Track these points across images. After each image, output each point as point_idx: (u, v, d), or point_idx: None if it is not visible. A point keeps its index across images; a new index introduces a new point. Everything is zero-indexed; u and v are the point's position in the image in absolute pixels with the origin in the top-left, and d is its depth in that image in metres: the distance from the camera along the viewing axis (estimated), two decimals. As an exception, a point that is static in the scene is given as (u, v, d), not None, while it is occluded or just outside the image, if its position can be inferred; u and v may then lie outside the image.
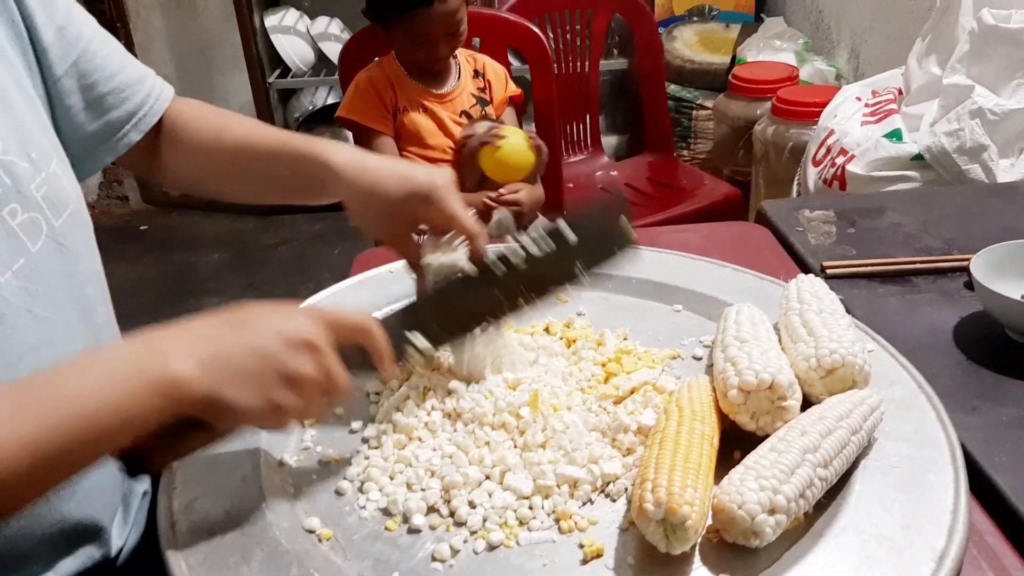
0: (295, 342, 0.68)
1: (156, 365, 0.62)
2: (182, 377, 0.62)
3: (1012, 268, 1.06)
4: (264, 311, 0.70)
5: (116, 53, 0.89)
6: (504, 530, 0.74)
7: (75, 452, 0.60)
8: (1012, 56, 1.71)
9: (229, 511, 0.75)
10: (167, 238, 3.50)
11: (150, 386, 0.62)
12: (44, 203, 0.75)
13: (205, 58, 3.62)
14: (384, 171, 0.89)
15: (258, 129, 0.96)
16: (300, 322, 0.69)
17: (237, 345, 0.66)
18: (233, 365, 0.65)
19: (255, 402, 0.66)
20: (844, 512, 0.73)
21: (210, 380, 0.64)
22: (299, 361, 0.67)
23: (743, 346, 0.84)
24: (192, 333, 0.67)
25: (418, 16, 1.69)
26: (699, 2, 3.46)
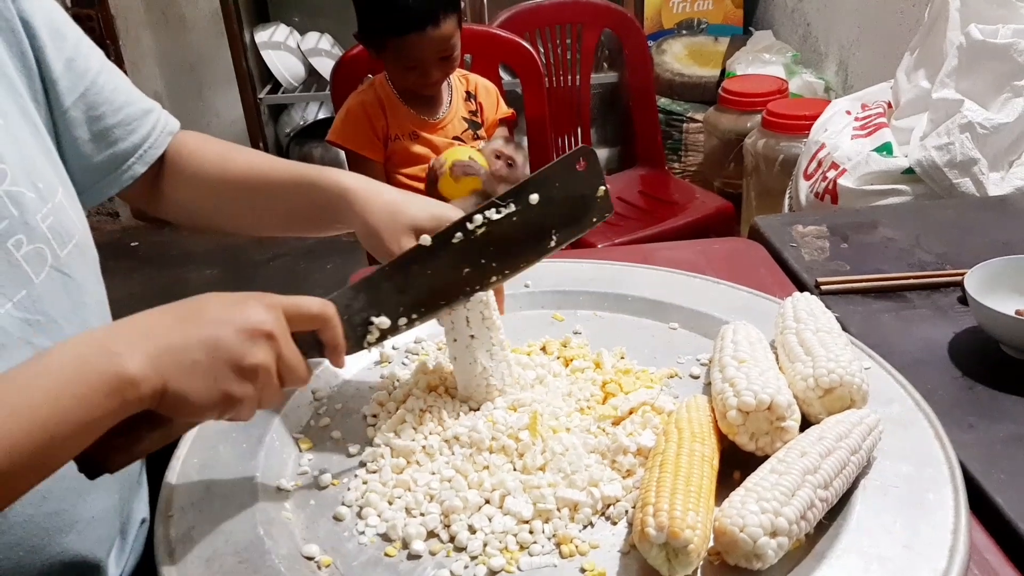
0: (249, 331, 0.66)
1: (107, 365, 0.60)
2: (133, 375, 0.60)
3: (1006, 283, 1.06)
4: (218, 300, 0.69)
5: (123, 86, 0.89)
6: (505, 555, 0.73)
7: (33, 462, 0.58)
8: (1000, 70, 1.72)
9: (227, 539, 0.75)
10: (158, 254, 3.48)
11: (101, 387, 0.60)
12: (50, 233, 0.75)
13: (195, 74, 3.62)
14: (401, 194, 0.91)
15: (264, 159, 0.96)
16: (254, 311, 0.68)
17: (188, 337, 0.64)
18: (185, 358, 0.63)
19: (209, 395, 0.64)
20: (845, 533, 0.73)
21: (161, 375, 0.62)
22: (253, 351, 0.66)
23: (741, 366, 0.84)
24: (142, 327, 0.65)
25: (411, 40, 1.67)
26: (688, 16, 3.47)
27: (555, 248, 0.89)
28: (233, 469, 0.83)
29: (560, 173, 0.87)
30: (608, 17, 2.59)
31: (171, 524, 0.76)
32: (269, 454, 0.85)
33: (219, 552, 0.73)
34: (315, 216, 0.93)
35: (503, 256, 0.86)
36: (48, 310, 0.75)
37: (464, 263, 0.85)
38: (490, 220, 0.84)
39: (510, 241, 0.85)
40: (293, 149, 3.57)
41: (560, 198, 0.86)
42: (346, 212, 0.89)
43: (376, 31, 1.73)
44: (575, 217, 0.88)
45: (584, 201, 0.88)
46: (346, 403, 0.95)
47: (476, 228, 0.84)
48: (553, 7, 2.51)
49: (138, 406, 0.62)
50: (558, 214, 0.87)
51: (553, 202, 0.86)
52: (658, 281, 1.13)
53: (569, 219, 0.88)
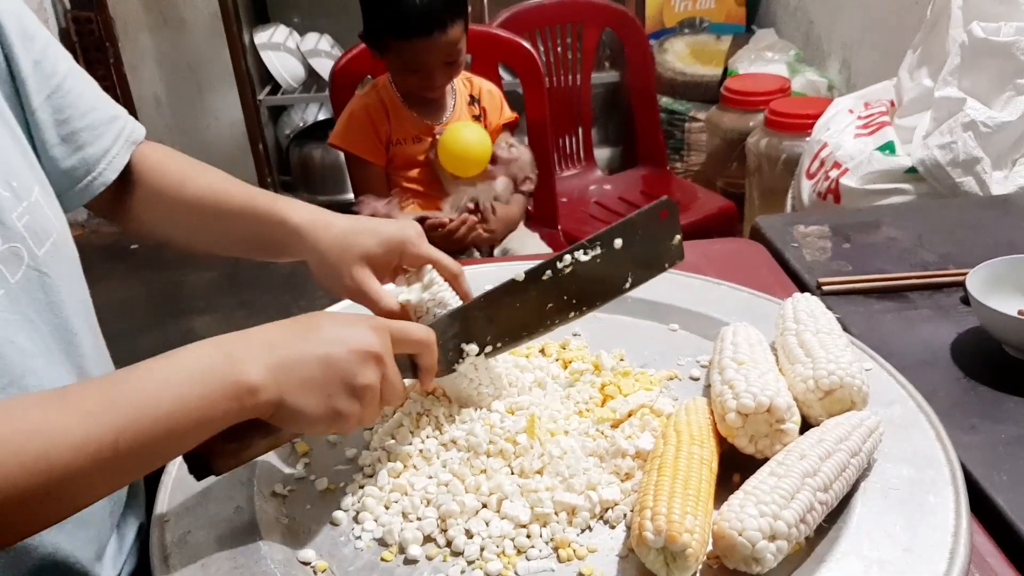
0: (361, 353, 0.70)
1: (229, 370, 0.65)
2: (253, 383, 0.65)
3: (1008, 283, 1.05)
4: (333, 320, 0.74)
5: (90, 92, 0.89)
6: (502, 559, 0.73)
7: (147, 451, 0.63)
8: (1003, 68, 1.71)
9: (223, 543, 0.74)
10: (157, 257, 3.48)
11: (223, 390, 0.64)
12: (26, 232, 0.75)
13: (194, 75, 3.62)
14: (351, 225, 0.92)
15: (223, 183, 0.96)
16: (367, 333, 0.72)
17: (306, 353, 0.69)
18: (301, 373, 0.68)
19: (320, 409, 0.69)
20: (845, 537, 0.72)
21: (279, 387, 0.66)
22: (364, 371, 0.70)
23: (740, 368, 0.84)
24: (263, 339, 0.69)
25: (416, 45, 1.66)
26: (690, 14, 3.46)
27: (629, 290, 0.94)
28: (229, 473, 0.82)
29: (644, 221, 0.92)
30: (609, 16, 2.58)
31: (166, 529, 0.76)
32: (265, 458, 0.85)
33: (214, 557, 0.73)
34: (266, 246, 0.95)
35: (583, 294, 0.91)
36: (25, 310, 0.74)
37: (549, 299, 0.90)
38: (577, 261, 0.89)
39: (591, 281, 0.91)
40: (293, 150, 3.57)
41: (640, 244, 0.91)
42: (296, 246, 0.91)
43: (381, 33, 1.71)
44: (651, 262, 0.94)
45: (661, 248, 0.94)
46: (343, 406, 0.94)
47: (564, 267, 0.88)
48: (553, 6, 2.50)
49: (254, 413, 0.67)
50: (636, 259, 0.92)
51: (634, 248, 0.91)
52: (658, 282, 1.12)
53: (645, 264, 0.93)
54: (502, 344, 0.89)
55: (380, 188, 1.85)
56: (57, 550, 0.76)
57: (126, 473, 0.64)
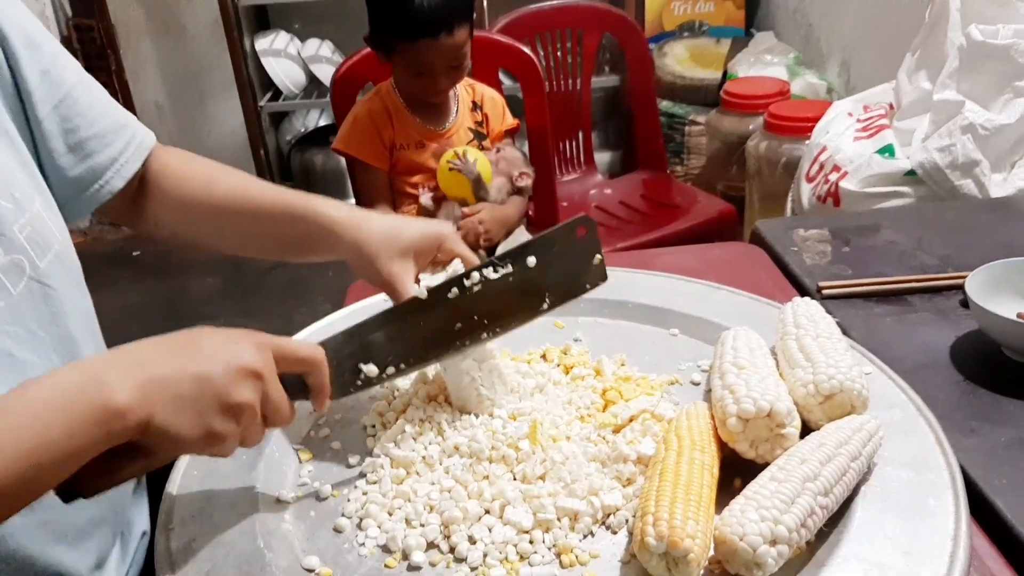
0: (238, 370, 0.67)
1: (96, 395, 0.61)
2: (120, 405, 0.61)
3: (1007, 286, 1.06)
4: (211, 336, 0.69)
5: (99, 100, 0.89)
6: (505, 565, 0.73)
7: (17, 490, 0.58)
8: (1001, 71, 1.72)
9: (227, 551, 0.75)
10: (160, 263, 3.49)
11: (90, 417, 0.60)
12: (28, 244, 0.75)
13: (196, 82, 3.63)
14: (389, 220, 0.92)
15: (249, 183, 0.96)
16: (245, 349, 0.69)
17: (178, 370, 0.65)
18: (172, 391, 0.64)
19: (192, 429, 0.65)
20: (846, 541, 0.72)
21: (148, 406, 0.62)
22: (239, 389, 0.67)
23: (741, 373, 0.84)
24: (136, 357, 0.65)
25: (422, 47, 1.66)
26: (689, 18, 3.47)
27: (546, 311, 0.91)
28: (233, 481, 0.83)
29: (559, 239, 0.89)
30: (609, 20, 2.59)
31: (172, 536, 0.76)
32: (269, 465, 0.86)
33: (220, 564, 0.73)
34: (301, 244, 0.95)
35: (496, 314, 0.88)
36: (27, 322, 0.75)
37: (457, 318, 0.86)
38: (487, 279, 0.86)
39: (504, 300, 0.87)
40: (294, 156, 3.58)
41: (557, 263, 0.89)
42: (334, 242, 0.91)
43: (387, 35, 1.72)
44: (569, 282, 0.91)
45: (580, 267, 0.91)
46: (346, 414, 0.95)
47: (472, 285, 0.86)
48: (553, 11, 2.51)
49: (122, 437, 0.62)
50: (553, 278, 0.89)
51: (550, 266, 0.88)
52: (658, 287, 1.13)
53: (563, 283, 0.91)
54: (405, 365, 0.86)
55: (384, 193, 1.85)
56: (60, 561, 0.76)
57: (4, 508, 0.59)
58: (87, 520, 0.80)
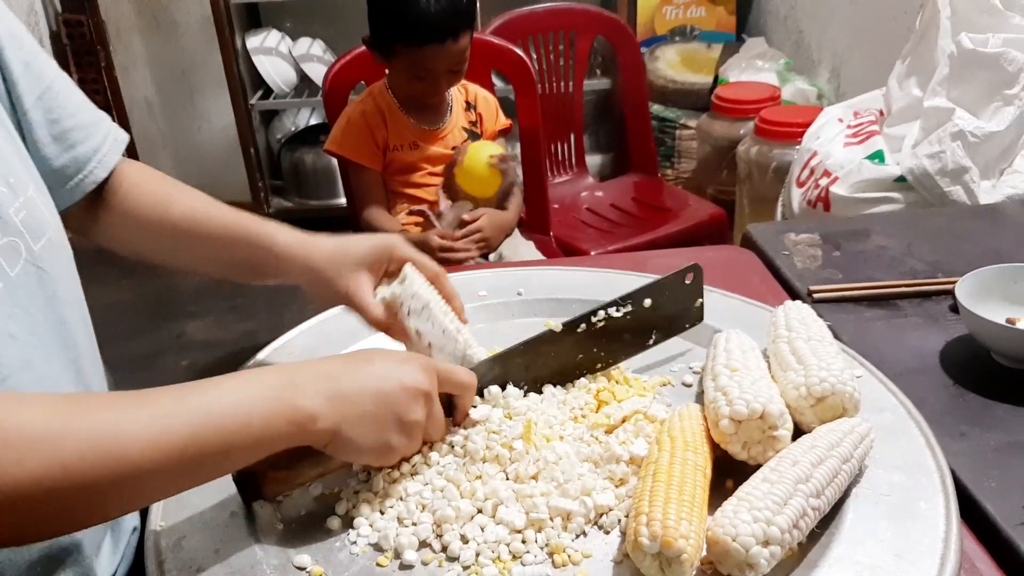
0: (412, 390, 0.75)
1: (291, 396, 0.69)
2: (313, 411, 0.69)
3: (997, 291, 1.07)
4: (386, 356, 0.78)
5: (76, 95, 0.90)
6: (497, 565, 0.73)
7: (209, 461, 0.66)
8: (990, 79, 1.73)
9: (218, 549, 0.74)
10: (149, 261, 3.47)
11: (283, 414, 0.68)
12: (23, 227, 0.76)
13: (186, 80, 3.62)
14: (335, 242, 0.95)
15: (205, 206, 0.98)
16: (417, 371, 0.76)
17: (362, 387, 0.73)
18: (358, 406, 0.72)
19: (373, 442, 0.73)
20: (837, 542, 0.73)
21: (337, 418, 0.70)
22: (415, 408, 0.75)
23: (734, 375, 0.84)
24: (322, 371, 0.73)
25: (427, 52, 1.66)
26: (681, 22, 3.49)
27: (651, 346, 1.00)
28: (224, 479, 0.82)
29: (672, 284, 0.98)
30: (601, 24, 2.60)
31: (161, 534, 0.76)
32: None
33: (209, 562, 0.73)
34: (251, 269, 0.98)
35: (611, 347, 0.96)
36: (25, 303, 0.75)
37: (581, 350, 0.95)
38: (610, 316, 0.94)
39: (619, 336, 0.96)
40: (284, 155, 3.57)
41: (666, 304, 0.98)
42: (286, 268, 0.95)
43: (391, 40, 1.71)
44: (673, 322, 1.00)
45: (684, 309, 1.01)
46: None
47: (598, 321, 0.94)
48: (546, 14, 2.51)
49: (311, 439, 0.70)
50: (661, 317, 0.98)
51: (660, 307, 0.97)
52: (651, 289, 1.13)
53: (668, 323, 1.00)
54: (531, 390, 0.93)
55: (378, 193, 1.85)
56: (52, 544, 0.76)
57: (187, 478, 0.66)
58: None
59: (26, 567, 0.74)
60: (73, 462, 0.59)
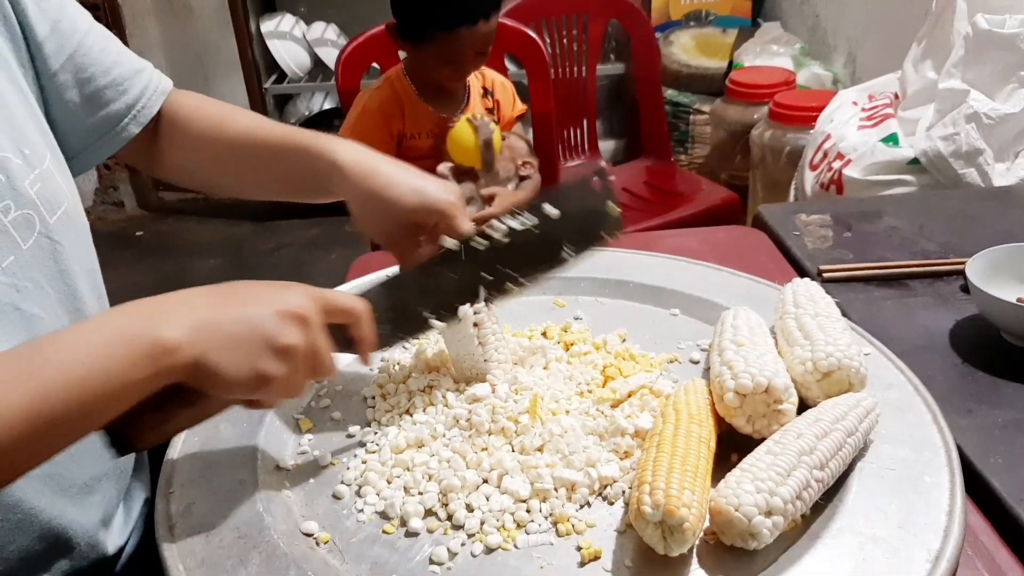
0: (286, 314, 0.68)
1: (146, 330, 0.62)
2: (171, 342, 0.62)
3: (1008, 271, 1.06)
4: (259, 284, 0.71)
5: (113, 47, 0.88)
6: (502, 533, 0.74)
7: (68, 420, 0.60)
8: (1007, 61, 1.72)
9: (227, 515, 0.75)
10: (163, 244, 3.50)
11: (140, 351, 0.61)
12: (38, 199, 0.75)
13: (201, 64, 3.63)
14: (395, 177, 0.89)
15: (261, 122, 0.96)
16: (292, 295, 0.70)
17: (227, 313, 0.66)
18: (222, 331, 0.65)
19: (243, 370, 0.65)
20: (841, 514, 0.73)
21: (198, 345, 0.63)
22: (289, 332, 0.67)
23: (740, 350, 0.85)
24: (182, 301, 0.67)
25: (460, 35, 1.65)
26: (696, 7, 3.46)
27: (568, 261, 0.92)
28: (234, 447, 0.83)
29: (575, 190, 0.92)
30: (615, 7, 2.58)
31: (172, 500, 0.77)
32: (269, 433, 0.86)
33: (219, 528, 0.74)
34: (307, 183, 0.93)
35: (520, 265, 0.89)
36: (36, 276, 0.75)
37: (485, 269, 0.88)
38: (513, 229, 0.87)
39: (528, 251, 0.89)
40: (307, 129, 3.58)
41: (575, 214, 0.90)
42: (338, 184, 0.89)
43: (423, 24, 1.69)
44: (587, 232, 0.92)
45: (597, 218, 0.93)
46: (346, 385, 0.95)
47: (500, 236, 0.87)
48: (559, -3, 2.50)
49: (172, 375, 0.63)
50: (572, 229, 0.90)
51: (568, 217, 0.89)
52: (659, 268, 1.14)
53: (582, 234, 0.92)
54: (437, 317, 0.87)
55: None
56: (62, 515, 0.77)
57: (57, 439, 0.61)
58: (90, 475, 0.80)
59: (37, 537, 0.75)
60: None
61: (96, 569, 0.82)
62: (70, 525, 0.78)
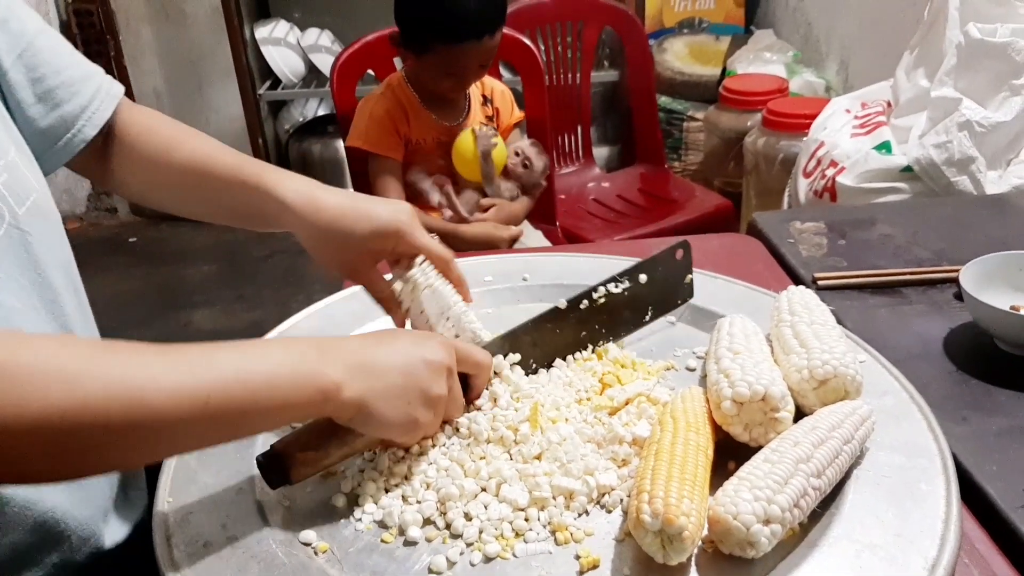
0: (435, 366, 0.75)
1: (317, 362, 0.69)
2: (339, 379, 0.69)
3: (1001, 279, 1.07)
4: (408, 335, 0.80)
5: (64, 50, 0.88)
6: (500, 542, 0.74)
7: (231, 418, 0.65)
8: (998, 69, 1.73)
9: (225, 524, 0.75)
10: (156, 250, 3.49)
11: (310, 380, 0.68)
12: (6, 191, 0.76)
13: (195, 70, 3.63)
14: (343, 208, 0.90)
15: (211, 151, 0.95)
16: (438, 348, 0.77)
17: (387, 361, 0.73)
18: (383, 379, 0.72)
19: (399, 415, 0.73)
20: (838, 522, 0.73)
21: (363, 390, 0.70)
22: (439, 383, 0.75)
23: (736, 358, 0.85)
24: (346, 345, 0.74)
25: (465, 48, 1.66)
26: (689, 14, 3.48)
27: (648, 321, 1.03)
28: (231, 456, 0.83)
29: (663, 260, 1.02)
30: (609, 15, 2.59)
31: (169, 508, 0.77)
32: (267, 442, 0.85)
33: (216, 537, 0.74)
34: (255, 219, 0.95)
35: (611, 323, 0.99)
36: (8, 267, 0.75)
37: (584, 327, 0.98)
38: (610, 292, 0.98)
39: (618, 312, 0.99)
40: (292, 145, 3.58)
41: (660, 280, 1.01)
42: (286, 219, 0.91)
43: (427, 37, 1.69)
44: (667, 297, 1.04)
45: (676, 285, 1.05)
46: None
47: (599, 298, 0.97)
48: (554, 4, 2.51)
49: (335, 409, 0.70)
50: (655, 293, 1.02)
51: (654, 283, 1.00)
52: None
53: (662, 298, 1.03)
54: (539, 366, 0.95)
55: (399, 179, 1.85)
56: (55, 508, 0.77)
57: (208, 432, 0.66)
58: None
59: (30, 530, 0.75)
60: (95, 400, 0.58)
61: (93, 563, 0.82)
62: (63, 518, 0.78)
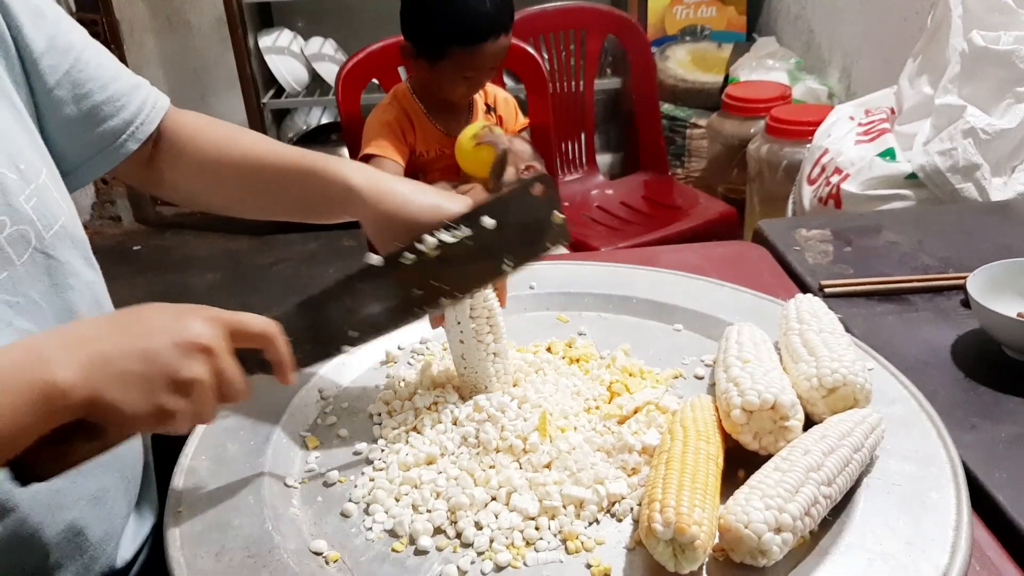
0: (186, 345, 0.65)
1: (38, 372, 0.60)
2: (63, 383, 0.60)
3: (1008, 286, 1.07)
4: (158, 312, 0.68)
5: (109, 63, 0.88)
6: (511, 551, 0.74)
7: None
8: (1002, 76, 1.73)
9: (236, 534, 0.75)
10: (160, 258, 3.49)
11: (32, 394, 0.59)
12: (34, 215, 0.75)
13: (199, 79, 3.64)
14: (410, 196, 0.88)
15: (269, 144, 0.95)
16: (194, 324, 0.67)
17: (124, 348, 0.63)
18: (118, 368, 0.62)
19: (142, 406, 0.63)
20: (848, 530, 0.73)
21: (93, 385, 0.61)
22: (189, 365, 0.65)
23: (745, 366, 0.85)
24: (78, 335, 0.64)
25: (482, 50, 1.66)
26: (691, 22, 3.49)
27: (508, 273, 0.89)
28: (241, 466, 0.83)
29: (515, 199, 0.87)
30: (612, 23, 2.60)
31: (181, 520, 0.77)
32: (277, 452, 0.86)
33: (228, 547, 0.74)
34: (320, 207, 0.93)
35: (454, 279, 0.85)
36: (29, 292, 0.75)
37: (414, 285, 0.84)
38: (443, 243, 0.83)
39: (463, 264, 0.85)
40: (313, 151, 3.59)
41: (515, 223, 0.86)
42: (352, 206, 0.89)
43: (443, 41, 1.69)
44: (529, 243, 0.88)
45: (539, 227, 0.88)
46: (352, 402, 0.95)
47: (430, 250, 0.83)
48: (557, 12, 2.52)
49: (68, 414, 0.61)
50: (512, 239, 0.86)
51: (507, 227, 0.85)
52: (662, 283, 1.14)
53: (523, 244, 0.88)
54: (363, 334, 0.83)
55: None
56: (72, 526, 0.77)
57: None
58: (98, 487, 0.81)
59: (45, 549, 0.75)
60: None
61: None
62: (80, 533, 0.78)
